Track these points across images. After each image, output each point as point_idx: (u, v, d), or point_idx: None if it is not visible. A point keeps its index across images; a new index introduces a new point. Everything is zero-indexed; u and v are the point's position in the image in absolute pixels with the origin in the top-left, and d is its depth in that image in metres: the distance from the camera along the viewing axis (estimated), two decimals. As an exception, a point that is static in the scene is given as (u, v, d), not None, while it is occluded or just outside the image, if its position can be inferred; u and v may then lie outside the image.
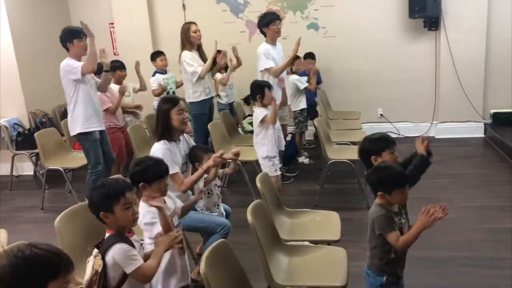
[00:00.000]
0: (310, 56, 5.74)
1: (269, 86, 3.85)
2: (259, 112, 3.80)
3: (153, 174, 2.30)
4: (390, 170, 2.07)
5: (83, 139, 4.14)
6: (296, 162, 5.49)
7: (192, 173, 3.09)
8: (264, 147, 3.84)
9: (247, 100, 4.02)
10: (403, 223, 2.07)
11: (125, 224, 1.93)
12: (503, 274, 2.96)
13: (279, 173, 3.92)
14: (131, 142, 4.82)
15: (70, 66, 3.96)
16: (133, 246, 1.90)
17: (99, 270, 1.79)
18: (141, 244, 2.05)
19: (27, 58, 5.78)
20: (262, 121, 3.78)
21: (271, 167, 3.83)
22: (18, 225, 4.32)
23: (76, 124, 4.08)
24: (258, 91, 3.80)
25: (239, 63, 5.37)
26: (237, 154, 3.03)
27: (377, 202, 2.08)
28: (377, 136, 2.45)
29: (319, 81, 5.95)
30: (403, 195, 2.04)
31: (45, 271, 1.31)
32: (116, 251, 1.82)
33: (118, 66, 4.98)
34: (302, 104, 5.35)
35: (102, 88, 4.39)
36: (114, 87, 4.86)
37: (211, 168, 2.95)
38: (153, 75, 5.41)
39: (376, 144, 2.37)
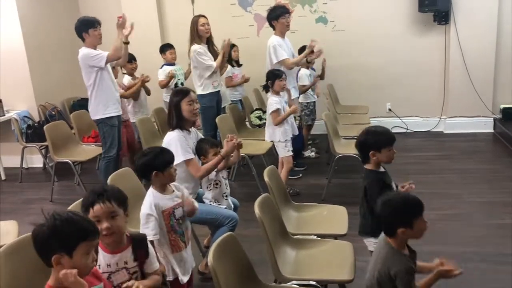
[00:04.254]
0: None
1: (281, 75, 4.09)
2: (272, 101, 4.07)
3: (162, 161, 2.31)
4: (404, 196, 1.80)
5: (102, 124, 4.26)
6: (302, 156, 5.47)
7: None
8: (277, 133, 4.12)
9: (266, 88, 4.14)
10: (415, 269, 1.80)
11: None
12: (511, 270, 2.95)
13: (291, 153, 4.19)
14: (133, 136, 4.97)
15: (92, 54, 4.03)
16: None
17: None
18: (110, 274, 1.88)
19: (36, 51, 5.81)
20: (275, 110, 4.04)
21: (284, 148, 4.15)
22: (28, 217, 4.35)
23: (98, 110, 4.21)
24: (270, 78, 4.09)
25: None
26: (239, 144, 3.12)
27: (388, 241, 1.80)
28: (380, 130, 2.37)
29: None
30: (424, 225, 1.76)
31: (77, 232, 1.51)
32: None
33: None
34: (308, 98, 5.35)
35: (123, 59, 4.36)
36: (126, 80, 5.00)
37: (229, 154, 3.03)
38: (161, 67, 5.43)
39: (379, 138, 2.31)
